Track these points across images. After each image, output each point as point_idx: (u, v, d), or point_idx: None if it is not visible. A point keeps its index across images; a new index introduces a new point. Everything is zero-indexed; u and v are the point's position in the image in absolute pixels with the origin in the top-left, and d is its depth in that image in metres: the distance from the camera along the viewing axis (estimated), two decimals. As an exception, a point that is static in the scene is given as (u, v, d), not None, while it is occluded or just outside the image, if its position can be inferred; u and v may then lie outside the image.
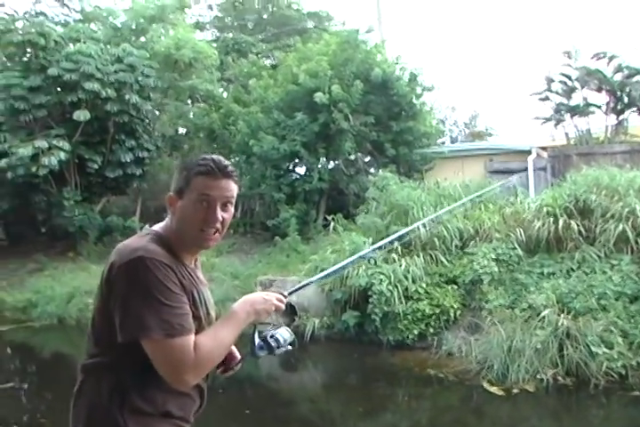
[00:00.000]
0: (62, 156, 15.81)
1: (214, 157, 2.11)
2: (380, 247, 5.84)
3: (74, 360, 11.69)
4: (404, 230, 7.36)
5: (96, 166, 17.31)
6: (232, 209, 2.12)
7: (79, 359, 2.02)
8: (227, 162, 2.11)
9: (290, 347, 2.27)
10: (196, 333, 2.00)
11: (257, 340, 2.21)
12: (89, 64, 15.93)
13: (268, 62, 21.83)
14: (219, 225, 2.08)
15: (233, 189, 2.10)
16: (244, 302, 2.13)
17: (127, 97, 16.59)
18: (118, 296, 1.89)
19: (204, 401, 2.20)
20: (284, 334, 2.24)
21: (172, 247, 2.04)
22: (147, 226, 2.20)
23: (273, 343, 2.21)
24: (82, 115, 16.12)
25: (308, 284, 2.77)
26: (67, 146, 16.07)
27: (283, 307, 2.20)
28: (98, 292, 2.03)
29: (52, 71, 16.00)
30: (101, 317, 2.00)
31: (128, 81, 16.59)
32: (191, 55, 17.97)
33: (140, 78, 16.90)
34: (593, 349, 7.90)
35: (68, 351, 12.69)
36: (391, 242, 8.15)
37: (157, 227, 2.14)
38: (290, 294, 2.40)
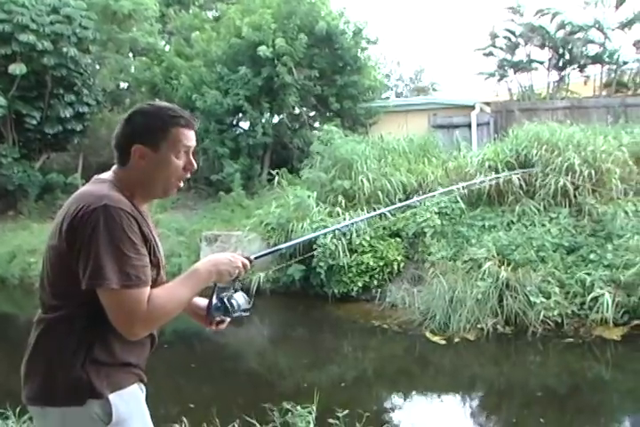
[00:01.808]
0: (-2, 111, 15.32)
1: (178, 107, 2.13)
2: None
3: (17, 320, 11.56)
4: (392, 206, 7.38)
5: (34, 122, 16.77)
6: None
7: (23, 318, 1.99)
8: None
9: (245, 313, 2.24)
10: (157, 280, 2.02)
11: (214, 300, 2.19)
12: (23, 15, 15.28)
13: (210, 15, 21.31)
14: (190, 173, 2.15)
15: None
16: (208, 260, 2.11)
17: (65, 50, 16.01)
18: (82, 244, 1.86)
19: (154, 348, 2.20)
20: (239, 298, 2.21)
21: (128, 196, 2.02)
22: (96, 176, 2.15)
23: (229, 306, 2.18)
24: (17, 68, 15.54)
25: (277, 250, 2.79)
26: (2, 101, 15.50)
27: (244, 272, 2.19)
28: (53, 241, 1.98)
29: (-17, 23, 15.35)
30: (58, 267, 1.96)
31: (65, 33, 15.99)
32: (130, 6, 17.39)
33: (77, 30, 16.30)
34: (531, 298, 8.17)
35: (12, 311, 12.55)
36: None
37: (107, 176, 2.10)
38: (256, 258, 2.37)
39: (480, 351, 8.06)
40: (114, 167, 2.12)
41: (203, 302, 2.25)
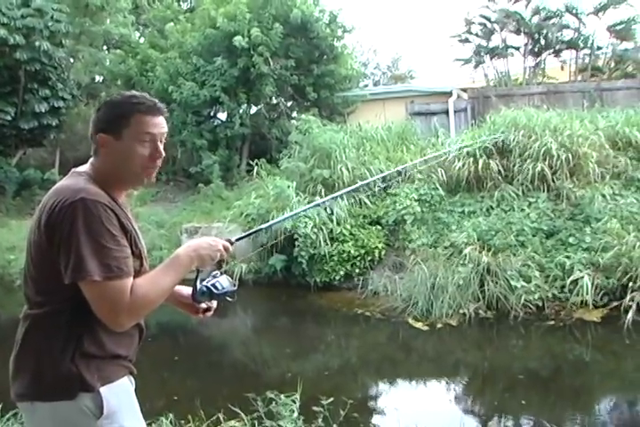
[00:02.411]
0: (-30, 107, 15.14)
1: (143, 94, 2.09)
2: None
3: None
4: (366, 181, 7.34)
5: (9, 118, 16.53)
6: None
7: (4, 317, 1.98)
8: (155, 99, 2.10)
9: (229, 298, 2.23)
10: (140, 271, 2.01)
11: (198, 285, 2.17)
12: (-8, 9, 15.12)
13: (184, 6, 21.14)
14: (159, 161, 2.09)
15: (165, 124, 2.11)
16: (189, 246, 2.09)
17: (37, 44, 15.78)
18: (62, 238, 1.85)
19: (142, 339, 2.20)
20: (223, 282, 2.20)
21: (104, 187, 2.00)
22: (74, 169, 2.13)
23: (214, 290, 2.17)
24: (-11, 63, 15.40)
25: (258, 230, 2.77)
26: (-25, 96, 15.36)
27: (226, 254, 2.17)
28: (33, 236, 1.97)
29: (-49, 16, 15.13)
30: (40, 263, 1.95)
31: (37, 26, 15.76)
32: (102, -1, 17.22)
33: (50, 24, 16.07)
34: (512, 283, 8.24)
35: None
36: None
37: (83, 168, 2.08)
38: (237, 240, 2.35)
39: (463, 336, 8.12)
40: (91, 159, 2.11)
41: (187, 290, 2.24)
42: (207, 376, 7.22)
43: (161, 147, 2.07)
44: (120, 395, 2.00)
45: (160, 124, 2.07)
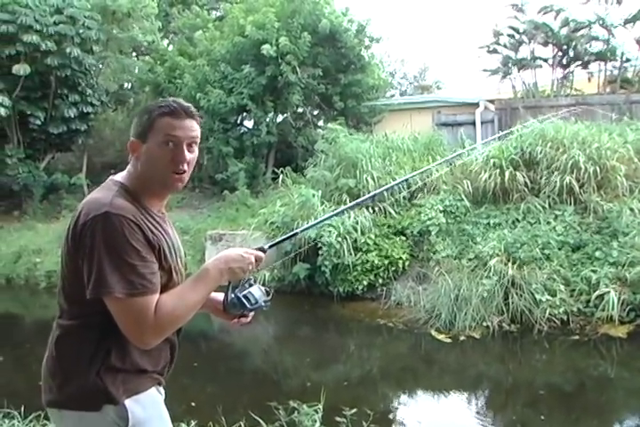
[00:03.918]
0: (2, 111, 15.26)
1: (174, 98, 2.06)
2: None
3: (23, 320, 11.60)
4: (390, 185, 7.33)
5: (39, 122, 16.74)
6: (197, 150, 2.06)
7: (28, 319, 1.99)
8: (188, 103, 2.06)
9: (264, 306, 2.16)
10: (168, 285, 1.98)
11: (230, 296, 2.13)
12: (26, 15, 15.26)
13: (214, 14, 21.29)
14: (186, 166, 2.02)
15: (197, 129, 2.04)
16: (219, 259, 2.04)
17: (68, 50, 15.96)
18: (85, 253, 1.84)
19: (175, 357, 2.17)
20: (255, 292, 2.15)
21: (138, 197, 1.99)
22: (111, 176, 2.12)
23: (246, 303, 2.12)
24: (21, 69, 15.53)
25: (292, 235, 2.71)
26: (7, 101, 15.50)
27: (256, 264, 2.09)
28: (64, 248, 1.97)
29: (-13, 23, 15.34)
30: (72, 274, 1.94)
31: (69, 33, 15.96)
32: (129, 5, 17.35)
33: (81, 30, 16.26)
34: (537, 296, 8.15)
35: (18, 311, 12.57)
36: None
37: (120, 177, 2.06)
38: (270, 247, 2.27)
39: (485, 349, 8.06)
40: (128, 166, 2.09)
41: (222, 297, 2.19)
42: (228, 383, 7.23)
43: (186, 151, 2.00)
44: (147, 406, 1.99)
45: (186, 128, 2.00)
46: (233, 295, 2.13)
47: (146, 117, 2.01)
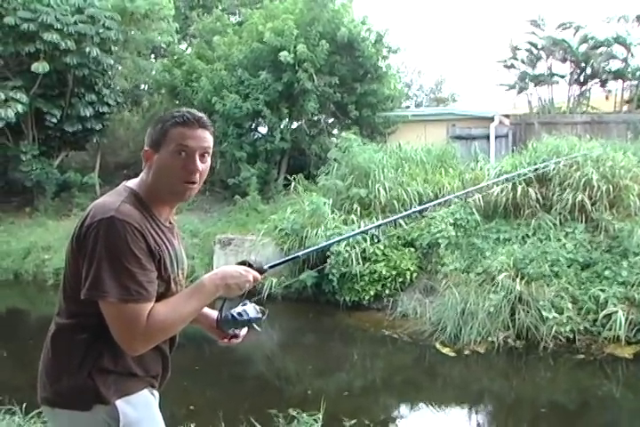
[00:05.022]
0: (19, 108, 15.33)
1: (188, 109, 2.08)
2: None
3: (29, 316, 11.64)
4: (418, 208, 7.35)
5: (55, 120, 16.82)
6: (209, 160, 2.07)
7: (34, 315, 2.00)
8: (201, 114, 2.07)
9: (255, 325, 2.20)
10: (165, 295, 1.99)
11: (224, 313, 2.15)
12: (48, 14, 15.35)
13: (233, 19, 21.38)
14: (197, 176, 2.03)
15: (210, 139, 2.06)
16: (216, 274, 2.05)
17: (87, 49, 16.03)
18: (86, 254, 1.87)
19: (168, 369, 2.18)
20: (250, 311, 2.17)
21: (147, 205, 2.01)
22: (124, 182, 2.12)
23: (238, 317, 2.15)
24: (40, 67, 15.61)
25: (293, 258, 2.69)
26: (24, 98, 15.58)
27: (253, 284, 2.10)
28: (68, 248, 2.00)
29: (9, 20, 15.34)
30: (73, 273, 1.97)
31: (88, 33, 16.02)
32: (146, 6, 17.41)
33: (100, 30, 16.35)
34: (544, 313, 8.10)
35: (24, 307, 12.61)
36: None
37: (132, 184, 2.08)
38: (271, 267, 2.29)
39: (490, 365, 8.01)
40: (141, 173, 2.11)
41: (215, 314, 2.22)
42: (229, 388, 7.22)
43: (198, 161, 2.01)
44: (138, 407, 2.00)
45: (199, 138, 2.02)
46: (227, 312, 2.15)
47: (159, 127, 2.03)
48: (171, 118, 2.02)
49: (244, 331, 2.26)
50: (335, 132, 16.53)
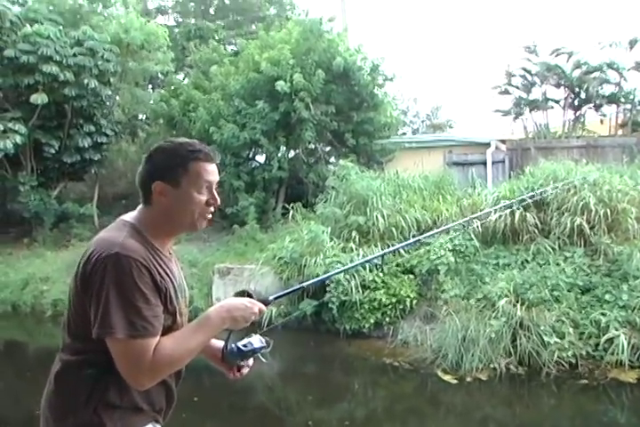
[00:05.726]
0: (18, 139, 15.41)
1: (197, 142, 2.12)
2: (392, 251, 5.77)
3: (27, 348, 11.54)
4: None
5: (53, 151, 16.91)
6: None
7: (32, 347, 1.99)
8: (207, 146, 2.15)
9: (261, 356, 2.21)
10: (172, 327, 2.00)
11: (230, 345, 2.16)
12: (47, 46, 15.48)
13: (230, 49, 21.59)
14: (215, 208, 2.12)
15: (217, 172, 2.14)
16: (222, 306, 2.06)
17: (86, 81, 16.16)
18: (93, 292, 1.87)
19: (172, 401, 2.18)
20: (255, 343, 2.19)
21: (149, 238, 2.02)
22: (121, 217, 2.13)
23: (242, 348, 2.16)
24: (39, 98, 15.72)
25: (297, 289, 2.73)
26: (23, 129, 15.66)
27: (259, 315, 2.13)
28: (72, 284, 1.99)
29: (9, 53, 15.52)
30: (77, 311, 1.97)
31: (87, 65, 16.16)
32: (142, 37, 17.58)
33: (99, 62, 16.50)
34: (545, 338, 8.06)
35: (22, 339, 12.52)
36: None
37: (130, 218, 2.09)
38: (275, 299, 2.33)
39: (492, 392, 7.93)
40: (139, 207, 2.12)
41: (221, 344, 2.22)
42: (229, 419, 7.14)
43: (216, 194, 2.09)
44: None
45: (215, 172, 2.10)
46: (233, 345, 2.16)
47: (177, 162, 2.04)
48: (189, 152, 2.05)
49: (250, 361, 2.26)
50: (332, 160, 16.57)
